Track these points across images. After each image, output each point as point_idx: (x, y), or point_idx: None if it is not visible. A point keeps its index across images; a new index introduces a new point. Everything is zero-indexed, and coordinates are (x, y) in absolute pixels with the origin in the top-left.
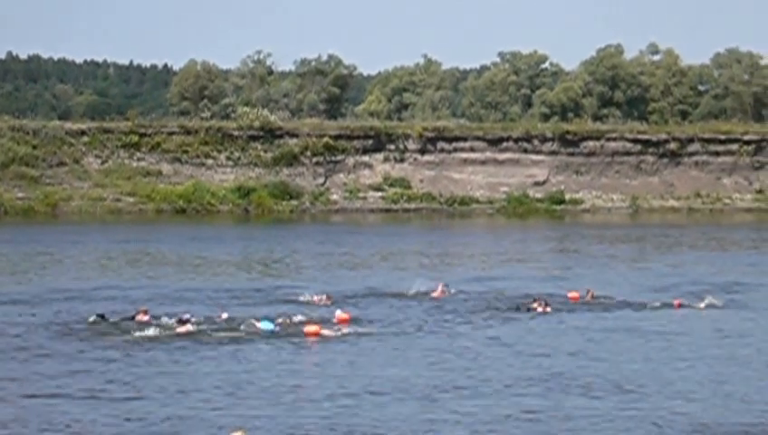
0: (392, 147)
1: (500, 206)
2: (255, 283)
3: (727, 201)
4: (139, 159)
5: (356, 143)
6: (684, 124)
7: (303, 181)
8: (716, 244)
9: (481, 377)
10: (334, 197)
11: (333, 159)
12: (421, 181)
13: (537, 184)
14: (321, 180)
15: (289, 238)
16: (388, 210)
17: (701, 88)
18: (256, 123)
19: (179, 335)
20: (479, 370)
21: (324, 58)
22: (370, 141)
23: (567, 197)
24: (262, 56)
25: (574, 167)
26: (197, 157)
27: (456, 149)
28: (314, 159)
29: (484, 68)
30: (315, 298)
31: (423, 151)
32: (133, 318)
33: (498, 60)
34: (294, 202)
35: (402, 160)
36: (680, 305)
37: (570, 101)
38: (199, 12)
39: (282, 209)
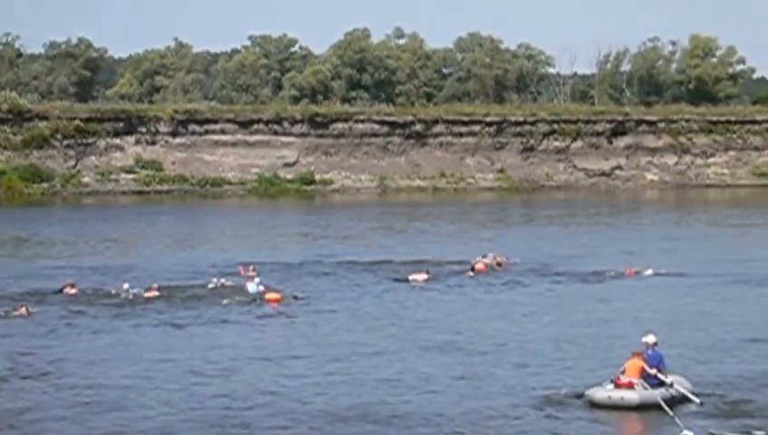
0: (144, 129)
1: (251, 187)
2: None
3: (470, 181)
4: None
5: (107, 126)
6: (429, 106)
7: (54, 164)
8: (535, 219)
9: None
10: (86, 179)
11: (84, 141)
12: (173, 163)
13: (287, 165)
14: (72, 163)
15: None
16: (140, 192)
17: (445, 71)
18: (5, 106)
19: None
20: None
21: (74, 41)
22: (122, 124)
23: (317, 177)
24: (10, 38)
25: (324, 148)
26: None
27: (207, 132)
28: (65, 142)
29: (234, 51)
30: (240, 269)
31: (175, 134)
32: (61, 291)
33: (248, 43)
34: (45, 185)
35: (154, 143)
36: (632, 274)
37: (319, 84)
38: None
39: (32, 192)
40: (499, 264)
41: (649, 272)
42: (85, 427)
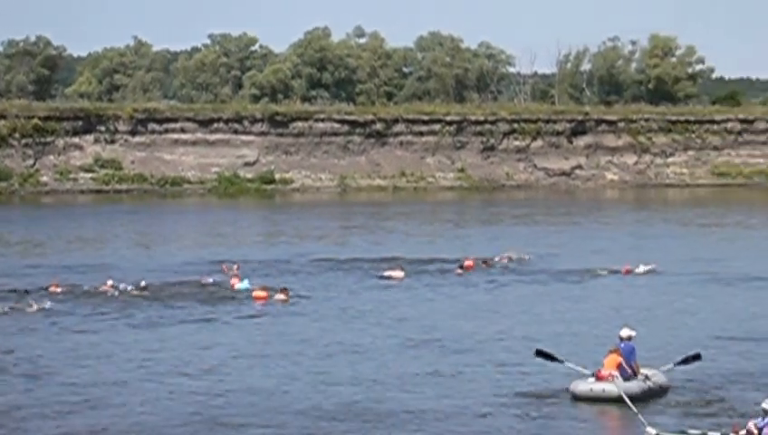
0: (103, 128)
1: (211, 186)
2: None
3: (431, 180)
4: None
5: (66, 125)
6: (389, 105)
7: (12, 163)
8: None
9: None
10: (44, 178)
11: (43, 140)
12: (132, 162)
13: (248, 164)
14: (30, 162)
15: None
16: (99, 191)
17: (406, 70)
18: None
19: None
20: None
21: (33, 39)
22: (80, 123)
23: (277, 176)
24: None
25: (284, 147)
26: None
27: (167, 131)
28: (23, 141)
29: (194, 50)
30: (224, 267)
31: (134, 133)
32: (47, 289)
33: (208, 42)
34: (3, 184)
35: (113, 142)
36: (628, 271)
37: (279, 83)
38: None
39: None
40: (485, 261)
41: (645, 268)
42: (69, 425)
